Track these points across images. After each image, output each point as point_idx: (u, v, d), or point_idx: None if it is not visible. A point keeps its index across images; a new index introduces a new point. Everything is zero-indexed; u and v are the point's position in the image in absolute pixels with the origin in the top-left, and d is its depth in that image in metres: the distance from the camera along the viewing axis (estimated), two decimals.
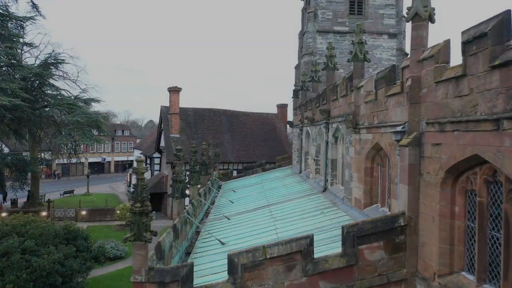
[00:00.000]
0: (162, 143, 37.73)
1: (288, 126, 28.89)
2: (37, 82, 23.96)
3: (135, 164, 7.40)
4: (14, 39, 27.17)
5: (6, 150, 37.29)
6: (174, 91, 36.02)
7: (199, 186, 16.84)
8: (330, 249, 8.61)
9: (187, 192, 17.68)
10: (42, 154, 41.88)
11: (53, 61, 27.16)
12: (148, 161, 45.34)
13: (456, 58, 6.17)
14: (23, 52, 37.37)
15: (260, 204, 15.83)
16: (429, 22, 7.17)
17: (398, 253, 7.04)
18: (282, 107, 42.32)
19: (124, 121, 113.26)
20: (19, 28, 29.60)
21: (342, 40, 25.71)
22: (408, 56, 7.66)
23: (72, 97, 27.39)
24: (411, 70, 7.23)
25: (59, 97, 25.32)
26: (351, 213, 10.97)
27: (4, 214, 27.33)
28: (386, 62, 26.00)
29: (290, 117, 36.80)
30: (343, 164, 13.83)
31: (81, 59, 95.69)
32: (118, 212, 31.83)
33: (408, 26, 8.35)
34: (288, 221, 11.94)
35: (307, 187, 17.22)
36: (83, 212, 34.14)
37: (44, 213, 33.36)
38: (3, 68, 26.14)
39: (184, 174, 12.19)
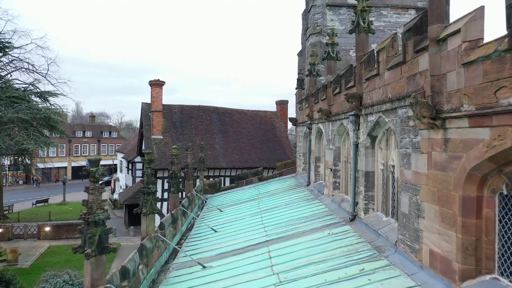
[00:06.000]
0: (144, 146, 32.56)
1: (290, 124, 23.57)
2: None
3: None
4: None
5: None
6: (156, 85, 30.81)
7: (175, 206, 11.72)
8: None
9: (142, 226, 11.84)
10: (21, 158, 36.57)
11: None
12: (130, 167, 40.04)
13: None
14: None
15: (254, 237, 10.58)
16: None
17: None
18: (282, 104, 37.37)
19: (117, 123, 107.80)
20: None
21: None
22: None
23: (21, 89, 22.04)
24: None
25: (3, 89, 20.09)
26: (425, 281, 5.73)
27: None
28: None
29: (291, 115, 31.69)
30: (387, 180, 8.61)
31: (52, 50, 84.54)
32: None
33: None
34: (302, 286, 6.73)
35: (322, 209, 11.98)
36: (47, 229, 28.72)
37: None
38: None
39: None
